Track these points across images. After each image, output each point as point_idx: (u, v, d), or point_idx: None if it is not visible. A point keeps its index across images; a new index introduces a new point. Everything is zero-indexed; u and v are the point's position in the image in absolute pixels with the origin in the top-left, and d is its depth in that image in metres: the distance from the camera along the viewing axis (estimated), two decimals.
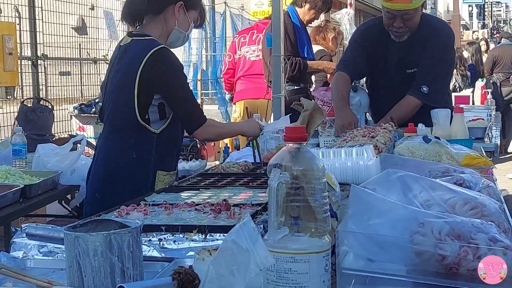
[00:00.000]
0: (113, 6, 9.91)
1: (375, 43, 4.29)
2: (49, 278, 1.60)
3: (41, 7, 8.72)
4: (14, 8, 8.70)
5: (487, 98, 8.45)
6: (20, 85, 8.56)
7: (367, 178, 2.17)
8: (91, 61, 10.37)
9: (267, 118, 5.77)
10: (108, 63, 4.40)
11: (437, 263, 1.49)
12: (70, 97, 9.73)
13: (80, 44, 10.31)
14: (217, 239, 1.85)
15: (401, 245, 1.52)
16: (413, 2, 3.98)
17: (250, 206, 2.16)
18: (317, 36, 6.92)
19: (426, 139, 2.93)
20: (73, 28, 10.34)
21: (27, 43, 8.58)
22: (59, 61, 9.60)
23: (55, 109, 8.29)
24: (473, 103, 9.33)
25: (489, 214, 1.67)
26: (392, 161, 2.39)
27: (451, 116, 3.71)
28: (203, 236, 1.87)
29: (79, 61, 10.25)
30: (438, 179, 1.97)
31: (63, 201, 4.76)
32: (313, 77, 6.51)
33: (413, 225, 1.53)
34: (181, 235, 1.89)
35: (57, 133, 8.49)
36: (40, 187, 4.11)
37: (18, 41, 7.99)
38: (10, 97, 10.24)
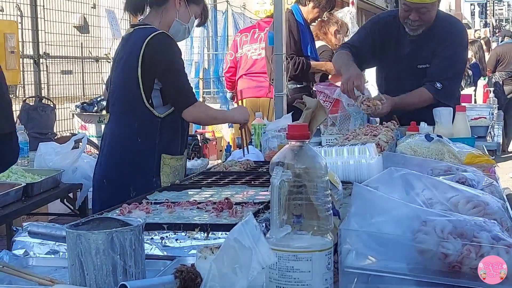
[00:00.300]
0: (114, 4, 9.90)
1: (386, 33, 4.31)
2: (51, 276, 1.59)
3: (43, 6, 8.73)
4: (16, 6, 8.71)
5: (489, 96, 8.45)
6: (22, 83, 8.56)
7: (369, 176, 2.16)
8: (93, 60, 10.38)
9: (269, 116, 5.77)
10: (110, 62, 4.42)
11: (440, 262, 1.48)
12: (72, 95, 9.74)
13: (82, 42, 10.31)
14: (219, 238, 1.84)
15: (403, 244, 1.52)
16: None
17: (252, 204, 2.16)
18: (319, 31, 6.92)
19: (428, 137, 2.92)
20: (75, 26, 10.33)
21: (29, 42, 8.58)
22: (61, 59, 9.61)
23: (57, 107, 8.30)
24: (475, 102, 9.32)
25: (492, 212, 1.66)
26: (394, 160, 2.39)
27: (453, 114, 3.71)
28: (205, 234, 1.87)
29: (81, 60, 10.25)
30: (440, 178, 1.97)
31: (65, 200, 4.76)
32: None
33: (416, 223, 1.53)
34: (183, 234, 1.88)
35: (59, 131, 8.50)
36: (42, 186, 4.11)
37: (20, 39, 8.00)
38: (12, 96, 10.20)
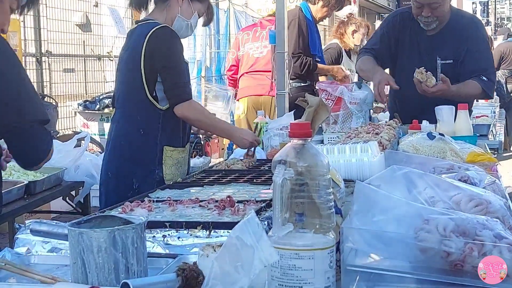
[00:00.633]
0: (116, 2, 9.90)
1: (401, 30, 4.38)
2: (53, 274, 1.60)
3: (45, 4, 8.73)
4: None
5: None
6: None
7: (371, 174, 2.16)
8: (95, 58, 10.38)
9: (271, 114, 5.77)
10: (112, 60, 4.44)
11: (442, 260, 1.48)
12: (74, 94, 9.74)
13: (84, 41, 10.31)
14: (221, 236, 1.85)
15: (405, 242, 1.51)
16: None
17: (254, 202, 2.16)
18: (335, 32, 7.01)
19: (430, 135, 2.92)
20: (77, 25, 10.34)
21: (32, 40, 8.59)
22: (63, 58, 9.61)
23: (59, 106, 8.31)
24: (477, 100, 9.30)
25: (494, 210, 1.66)
26: (396, 158, 2.39)
27: (455, 112, 3.71)
28: (207, 232, 1.87)
29: (83, 58, 10.26)
30: (442, 176, 1.96)
31: (67, 198, 4.77)
32: None
33: (418, 221, 1.53)
34: (185, 232, 1.89)
35: (61, 129, 8.51)
36: (44, 184, 4.12)
37: (22, 38, 7.99)
38: None
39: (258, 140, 3.52)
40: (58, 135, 7.26)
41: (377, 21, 18.02)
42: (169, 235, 1.88)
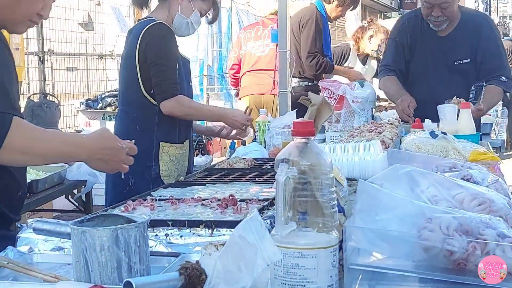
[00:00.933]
0: (119, 1, 9.89)
1: (412, 33, 4.40)
2: (55, 272, 1.60)
3: None
4: None
5: None
6: (26, 80, 8.56)
7: (374, 173, 2.16)
8: (97, 57, 10.37)
9: (273, 113, 5.77)
10: (114, 59, 4.47)
11: (445, 259, 1.48)
12: (76, 92, 9.73)
13: (86, 39, 10.31)
14: (224, 234, 1.84)
15: (408, 241, 1.51)
16: None
17: (257, 201, 2.16)
18: (353, 36, 7.00)
19: (433, 134, 2.92)
20: (79, 23, 10.33)
21: (34, 39, 8.58)
22: (65, 56, 9.60)
23: (61, 104, 8.30)
24: None
25: (497, 209, 1.66)
26: (399, 156, 2.39)
27: (458, 111, 3.70)
28: (210, 231, 1.87)
29: (85, 57, 10.25)
30: (445, 175, 1.96)
31: (70, 196, 4.77)
32: None
33: (421, 220, 1.53)
34: (187, 230, 1.89)
35: (64, 128, 8.50)
36: (46, 182, 4.12)
37: (24, 36, 7.99)
38: None
39: (249, 119, 3.60)
40: None
41: (379, 20, 17.99)
42: (171, 233, 1.88)
